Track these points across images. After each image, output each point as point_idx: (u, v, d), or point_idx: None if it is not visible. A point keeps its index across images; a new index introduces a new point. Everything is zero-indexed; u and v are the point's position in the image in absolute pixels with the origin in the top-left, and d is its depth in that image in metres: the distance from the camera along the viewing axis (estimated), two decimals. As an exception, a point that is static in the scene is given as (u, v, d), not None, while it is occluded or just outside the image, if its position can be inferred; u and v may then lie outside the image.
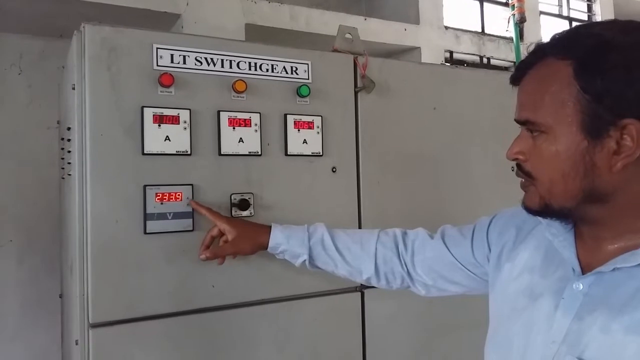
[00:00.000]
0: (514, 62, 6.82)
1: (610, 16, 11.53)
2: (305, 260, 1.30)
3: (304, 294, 1.54)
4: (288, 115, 1.54)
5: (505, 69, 5.81)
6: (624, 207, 0.78)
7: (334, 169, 1.61)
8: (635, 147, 0.74)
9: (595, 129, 0.75)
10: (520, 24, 4.99)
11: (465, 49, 5.42)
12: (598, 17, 11.17)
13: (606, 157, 0.75)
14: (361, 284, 1.62)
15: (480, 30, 5.87)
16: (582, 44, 0.76)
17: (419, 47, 4.85)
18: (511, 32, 4.97)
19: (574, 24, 11.12)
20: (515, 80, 0.85)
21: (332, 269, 1.30)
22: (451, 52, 5.26)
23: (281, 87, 1.54)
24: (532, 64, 0.82)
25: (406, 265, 1.22)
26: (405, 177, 1.74)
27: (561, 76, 0.76)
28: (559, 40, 0.80)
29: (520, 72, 0.84)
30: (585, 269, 0.83)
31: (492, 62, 5.83)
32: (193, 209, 1.38)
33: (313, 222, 1.54)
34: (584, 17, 10.60)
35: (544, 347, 0.82)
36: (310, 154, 1.57)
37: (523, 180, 0.85)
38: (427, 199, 1.78)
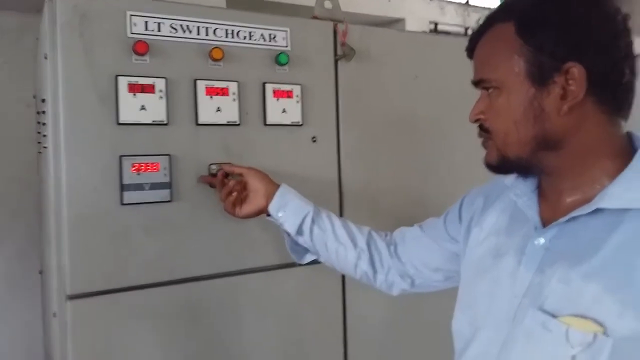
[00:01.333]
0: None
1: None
2: (306, 217, 1.29)
3: (284, 263, 1.54)
4: (267, 84, 1.51)
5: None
6: (578, 154, 0.82)
7: (314, 139, 1.60)
8: (579, 89, 0.78)
9: (540, 77, 0.80)
10: (505, -6, 4.97)
11: (450, 20, 5.38)
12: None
13: (554, 102, 0.80)
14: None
15: (464, 1, 5.82)
16: (520, 4, 0.84)
17: (404, 19, 4.81)
18: (496, 3, 4.95)
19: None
20: (470, 52, 0.93)
21: (323, 241, 1.30)
22: (436, 24, 5.22)
23: (259, 55, 1.51)
24: (482, 33, 0.89)
25: (394, 255, 1.27)
26: (387, 146, 1.74)
27: (506, 36, 0.84)
28: (501, 6, 0.88)
29: (473, 42, 0.92)
30: (546, 224, 0.86)
31: (477, 33, 5.81)
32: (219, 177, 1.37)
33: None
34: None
35: (508, 302, 0.85)
36: (290, 123, 1.55)
37: (483, 139, 0.93)
38: (409, 168, 1.78)
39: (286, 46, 1.56)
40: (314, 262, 1.58)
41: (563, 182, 0.85)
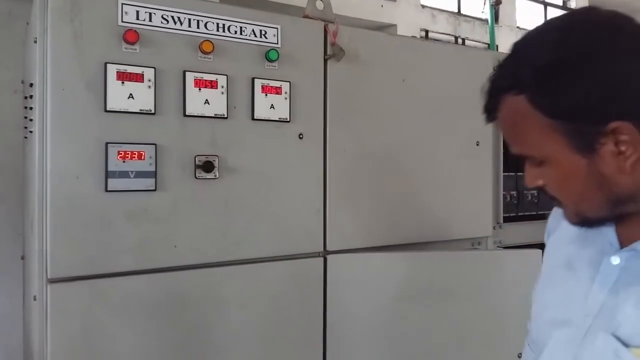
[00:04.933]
0: (488, 45, 6.89)
1: (585, 3, 11.66)
2: None
3: (267, 257, 1.55)
4: (256, 79, 1.53)
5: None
6: None
7: (301, 136, 1.61)
8: (635, 144, 0.69)
9: (586, 145, 0.70)
10: (495, 5, 5.03)
11: (441, 29, 5.44)
12: (573, 3, 11.30)
13: (612, 164, 0.71)
14: (324, 249, 1.64)
15: (456, 10, 5.89)
16: (525, 73, 0.72)
17: (395, 25, 4.85)
18: (486, 14, 5.01)
19: (549, 8, 11.24)
20: (489, 120, 0.80)
21: None
22: (427, 31, 5.27)
23: (249, 50, 1.53)
24: (495, 106, 0.78)
25: None
26: (373, 146, 1.76)
27: (524, 113, 0.73)
28: (504, 75, 0.76)
29: (489, 114, 0.79)
30: (623, 243, 0.80)
31: (467, 43, 5.87)
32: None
33: (278, 187, 1.56)
34: (559, 1, 10.68)
35: (579, 319, 0.81)
36: (278, 119, 1.57)
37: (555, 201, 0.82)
38: (393, 168, 1.80)
39: (276, 43, 1.57)
40: (296, 257, 1.60)
41: None
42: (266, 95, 1.55)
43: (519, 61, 0.74)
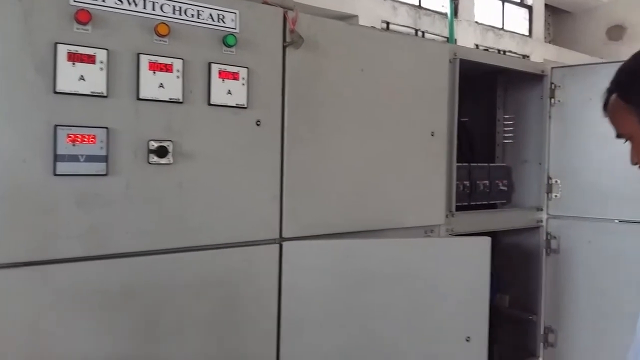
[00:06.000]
0: (447, 38, 7.00)
1: (540, 1, 11.96)
2: None
3: (222, 244, 1.55)
4: (213, 64, 1.51)
5: (439, 43, 5.95)
6: None
7: (259, 122, 1.61)
8: None
9: None
10: (455, 0, 5.12)
11: (402, 21, 5.50)
12: (530, 1, 11.59)
13: None
14: (280, 236, 1.65)
15: (417, 3, 5.95)
16: (618, 79, 1.16)
17: (357, 16, 4.87)
18: (446, 8, 5.09)
19: (507, 4, 11.50)
20: (604, 114, 1.19)
21: None
22: (388, 23, 5.31)
23: (206, 34, 1.51)
24: (608, 98, 1.17)
25: None
26: (331, 135, 1.77)
27: (618, 104, 1.14)
28: (611, 81, 1.17)
29: (604, 105, 1.18)
30: None
31: (427, 36, 5.95)
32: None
33: (234, 174, 1.55)
34: (517, -1, 10.94)
35: None
36: (235, 105, 1.56)
37: None
38: (350, 157, 1.82)
39: (234, 28, 1.56)
40: (252, 243, 1.60)
41: None
42: (223, 80, 1.53)
43: (619, 69, 1.17)
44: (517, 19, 11.63)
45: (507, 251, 2.63)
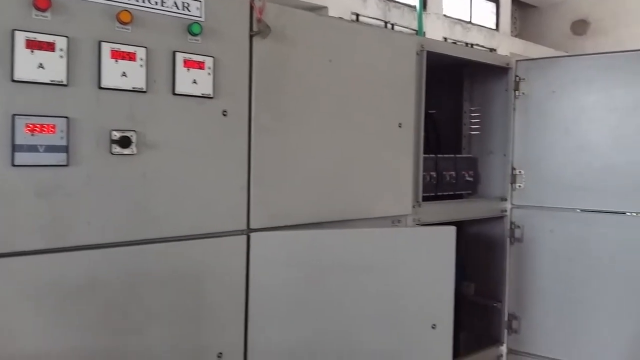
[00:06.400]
0: (416, 31, 7.05)
1: (508, -4, 12.12)
2: None
3: (188, 235, 1.53)
4: (177, 53, 1.49)
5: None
6: None
7: (225, 112, 1.59)
8: None
9: None
10: (424, -7, 5.15)
11: (372, 13, 5.50)
12: (497, -4, 11.72)
13: None
14: (248, 227, 1.64)
15: (387, -5, 5.97)
16: None
17: (326, 7, 4.86)
18: (415, 1, 5.12)
19: None
20: None
21: None
22: (357, 15, 5.32)
23: (171, 22, 1.48)
24: None
25: None
26: (299, 125, 1.77)
27: None
28: None
29: None
30: None
31: (396, 28, 5.97)
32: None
33: (201, 164, 1.53)
34: (485, -6, 11.05)
35: None
36: (201, 95, 1.54)
37: None
38: (319, 148, 1.82)
39: (200, 17, 1.54)
40: (219, 234, 1.59)
41: None
42: (188, 70, 1.51)
43: None
44: (485, 13, 11.80)
45: (473, 240, 2.68)
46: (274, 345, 1.70)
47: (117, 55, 1.38)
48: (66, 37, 1.31)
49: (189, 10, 1.52)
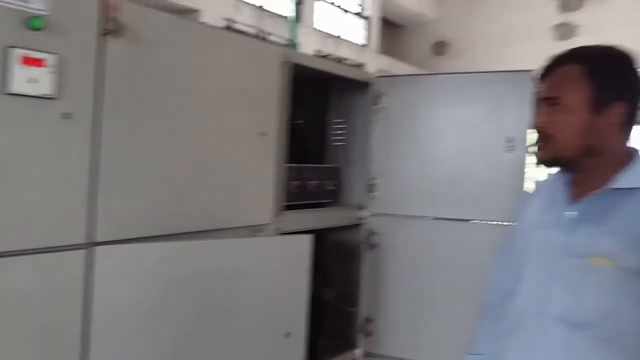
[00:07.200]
0: (291, 41, 7.18)
1: (377, 8, 12.83)
2: None
3: (15, 250, 1.38)
4: (13, 49, 1.35)
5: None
6: (606, 160, 1.20)
7: (69, 115, 1.47)
8: (620, 120, 1.18)
9: (597, 107, 1.18)
10: (298, 5, 5.27)
11: (246, 21, 5.49)
12: (368, 12, 12.38)
13: (603, 125, 1.18)
14: (92, 240, 1.52)
15: (259, 5, 6.00)
16: (589, 54, 1.21)
17: (198, 11, 4.76)
18: (290, 12, 5.21)
19: (346, 14, 12.13)
20: (542, 77, 1.24)
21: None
22: (232, 22, 5.28)
23: (7, 14, 1.34)
24: (555, 66, 1.22)
25: None
26: (155, 132, 1.69)
27: (577, 75, 1.19)
28: (572, 52, 1.23)
29: (546, 71, 1.24)
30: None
31: (272, 38, 6.02)
32: None
33: (35, 172, 1.41)
34: (357, 9, 11.66)
35: (548, 256, 1.22)
36: (40, 95, 1.41)
37: (540, 143, 1.23)
38: (176, 155, 1.76)
39: (43, 10, 1.41)
40: (55, 249, 1.46)
41: (593, 177, 1.20)
42: (27, 67, 1.38)
43: (583, 52, 1.22)
44: (356, 29, 12.35)
45: (333, 248, 2.77)
46: (122, 363, 1.60)
47: None
48: None
49: (29, 2, 1.38)
